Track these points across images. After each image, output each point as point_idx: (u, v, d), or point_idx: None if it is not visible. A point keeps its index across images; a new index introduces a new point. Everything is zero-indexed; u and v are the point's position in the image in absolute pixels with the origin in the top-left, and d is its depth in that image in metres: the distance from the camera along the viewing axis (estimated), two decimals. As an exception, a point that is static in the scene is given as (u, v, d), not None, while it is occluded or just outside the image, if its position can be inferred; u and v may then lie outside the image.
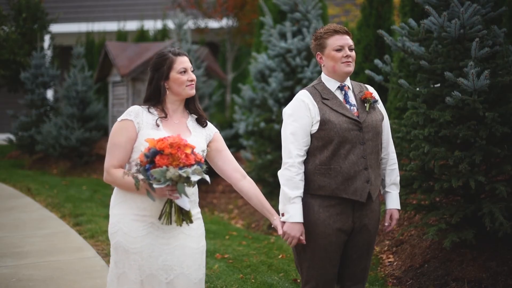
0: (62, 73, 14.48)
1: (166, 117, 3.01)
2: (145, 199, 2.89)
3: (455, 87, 4.26)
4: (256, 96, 7.50)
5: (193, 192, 2.98)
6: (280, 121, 7.06)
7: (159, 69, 3.02)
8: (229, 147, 3.31)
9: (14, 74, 13.75)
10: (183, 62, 3.02)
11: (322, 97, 3.10)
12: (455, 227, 4.42)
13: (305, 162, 3.09)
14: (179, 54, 3.04)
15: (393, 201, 3.25)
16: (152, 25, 15.79)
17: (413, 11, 6.61)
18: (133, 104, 10.60)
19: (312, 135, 3.07)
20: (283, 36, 7.62)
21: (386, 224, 3.25)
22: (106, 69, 11.50)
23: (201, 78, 9.35)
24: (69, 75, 12.65)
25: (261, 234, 6.20)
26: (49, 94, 14.75)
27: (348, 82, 3.18)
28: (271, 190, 7.26)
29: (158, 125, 2.97)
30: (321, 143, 3.05)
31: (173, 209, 2.85)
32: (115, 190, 3.06)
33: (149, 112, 3.00)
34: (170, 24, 13.96)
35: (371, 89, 3.23)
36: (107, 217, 7.28)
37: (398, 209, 3.27)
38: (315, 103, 3.08)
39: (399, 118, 6.28)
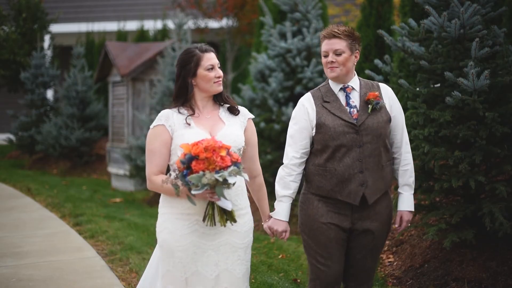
0: (62, 73, 14.49)
1: (194, 113, 3.02)
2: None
3: (455, 87, 4.26)
4: (256, 96, 7.50)
5: (238, 185, 2.96)
6: (279, 121, 7.07)
7: (186, 66, 3.02)
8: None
9: (14, 74, 13.76)
10: (210, 58, 3.03)
11: (324, 100, 3.14)
12: (455, 227, 4.41)
13: (307, 162, 3.20)
14: (206, 51, 3.04)
15: (403, 203, 3.21)
16: (152, 25, 15.80)
17: (413, 11, 6.61)
18: (132, 104, 10.61)
19: (313, 138, 3.15)
20: (283, 36, 7.62)
21: (396, 225, 3.23)
22: (106, 69, 11.50)
23: (201, 78, 9.34)
24: (69, 75, 12.65)
25: (261, 234, 6.20)
26: (49, 94, 14.76)
27: (353, 82, 3.15)
28: (271, 190, 7.23)
29: (189, 124, 2.98)
30: (319, 146, 3.12)
31: (215, 210, 2.86)
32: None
33: (180, 113, 3.02)
34: (170, 24, 13.96)
35: (383, 88, 3.19)
36: (107, 217, 7.35)
37: (410, 211, 3.21)
38: (314, 107, 3.14)
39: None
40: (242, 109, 3.16)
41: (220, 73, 3.05)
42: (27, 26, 13.80)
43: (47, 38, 15.00)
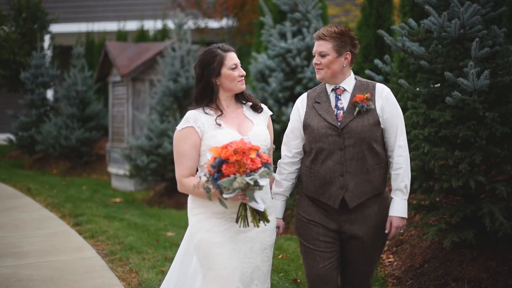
0: (62, 73, 14.49)
1: (222, 114, 3.02)
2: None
3: (455, 87, 4.26)
4: (256, 96, 7.50)
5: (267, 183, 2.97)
6: (280, 121, 7.07)
7: (209, 66, 3.01)
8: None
9: (14, 74, 13.76)
10: (233, 58, 3.05)
11: (315, 100, 3.16)
12: (455, 227, 4.41)
13: (301, 162, 3.23)
14: (228, 50, 3.06)
15: (393, 208, 3.10)
16: (152, 25, 15.80)
17: (413, 11, 6.61)
18: (132, 104, 10.60)
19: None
20: (283, 36, 7.62)
21: (386, 231, 3.13)
22: (106, 69, 11.50)
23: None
24: (69, 75, 12.66)
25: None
26: (49, 94, 14.76)
27: (346, 83, 3.12)
28: (271, 190, 7.25)
29: (219, 124, 2.99)
30: (307, 147, 3.16)
31: (248, 212, 2.87)
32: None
33: (206, 113, 3.02)
34: (170, 24, 13.96)
35: (379, 89, 3.11)
36: (107, 217, 7.35)
37: (400, 217, 3.09)
38: (304, 107, 3.17)
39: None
40: (264, 108, 3.19)
41: (243, 72, 3.07)
42: (27, 26, 13.81)
43: (47, 38, 15.01)
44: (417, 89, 4.49)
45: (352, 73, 3.18)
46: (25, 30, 13.81)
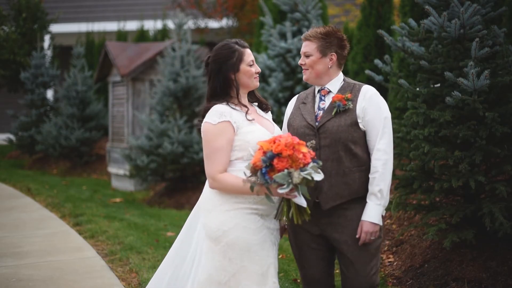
0: (62, 73, 14.49)
1: (248, 109, 3.00)
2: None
3: (455, 87, 4.26)
4: (256, 96, 7.50)
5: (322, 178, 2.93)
6: (280, 121, 7.06)
7: (228, 61, 2.98)
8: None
9: (14, 74, 13.77)
10: (251, 54, 3.05)
11: (302, 101, 3.16)
12: (455, 227, 4.41)
13: None
14: (246, 46, 3.04)
15: (365, 212, 2.97)
16: (152, 25, 15.80)
17: (413, 11, 6.61)
18: (132, 104, 10.60)
19: None
20: (283, 36, 7.62)
21: (357, 236, 2.99)
22: (106, 69, 11.50)
23: (201, 78, 9.36)
24: (69, 75, 12.66)
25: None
26: (49, 94, 14.77)
27: (331, 84, 3.09)
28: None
29: (252, 120, 2.97)
30: None
31: (292, 208, 2.81)
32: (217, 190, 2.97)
33: (233, 108, 2.97)
34: (170, 24, 13.96)
35: (364, 90, 3.03)
36: (107, 217, 7.34)
37: (371, 222, 2.94)
38: (292, 107, 3.19)
39: (399, 118, 6.27)
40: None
41: (259, 68, 3.07)
42: (27, 26, 13.81)
43: (47, 38, 15.01)
44: (417, 89, 4.49)
45: (341, 74, 3.14)
46: (25, 30, 13.81)
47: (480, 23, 4.28)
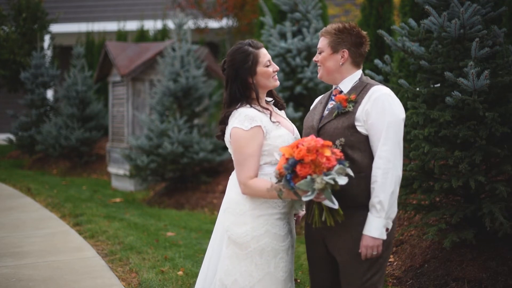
0: (62, 73, 14.50)
1: (272, 112, 2.97)
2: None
3: (455, 87, 4.26)
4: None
5: (346, 181, 2.82)
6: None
7: (243, 65, 2.91)
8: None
9: (14, 74, 13.78)
10: (266, 54, 2.98)
11: (320, 100, 3.10)
12: (455, 227, 4.41)
13: None
14: (260, 47, 2.98)
15: (365, 226, 2.75)
16: (152, 25, 15.80)
17: (413, 11, 6.61)
18: (132, 104, 10.60)
19: None
20: (283, 36, 7.62)
21: (359, 250, 2.79)
22: (106, 69, 11.51)
23: (201, 78, 9.36)
24: (69, 75, 12.66)
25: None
26: (49, 94, 14.78)
27: (343, 84, 2.94)
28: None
29: (276, 122, 2.93)
30: None
31: (323, 211, 2.74)
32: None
33: (259, 111, 2.93)
34: (170, 24, 13.96)
35: (371, 92, 2.83)
36: (107, 217, 7.34)
37: (370, 236, 2.72)
38: (313, 106, 3.13)
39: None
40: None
41: (277, 67, 3.01)
42: (27, 26, 13.82)
43: (47, 38, 15.02)
44: (417, 89, 4.49)
45: (356, 73, 2.95)
46: (25, 30, 13.82)
47: (480, 23, 4.28)
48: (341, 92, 2.93)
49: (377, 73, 5.08)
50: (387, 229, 2.75)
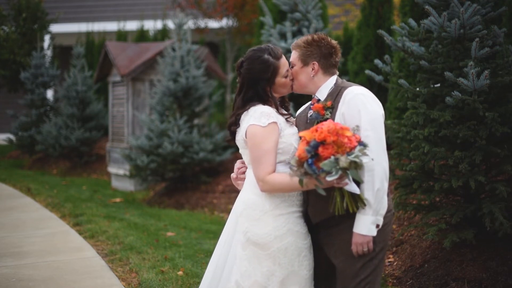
0: (62, 73, 14.50)
1: (287, 116, 3.00)
2: (303, 193, 2.90)
3: (455, 87, 4.26)
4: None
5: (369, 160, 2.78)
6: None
7: (262, 75, 2.92)
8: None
9: (14, 74, 13.78)
10: (286, 64, 2.98)
11: (304, 110, 3.09)
12: (455, 227, 4.42)
13: None
14: (280, 56, 2.96)
15: (355, 224, 2.79)
16: (152, 25, 15.80)
17: (413, 11, 6.61)
18: (132, 104, 10.60)
19: None
20: (283, 36, 7.62)
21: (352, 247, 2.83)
22: (106, 69, 11.51)
23: (201, 78, 9.36)
24: (69, 75, 12.66)
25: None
26: (49, 94, 14.78)
27: (319, 92, 2.95)
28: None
29: (290, 122, 2.97)
30: None
31: (345, 197, 2.71)
32: (264, 192, 2.89)
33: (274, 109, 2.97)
34: (170, 24, 13.96)
35: (345, 95, 2.82)
36: (107, 217, 7.34)
37: (359, 234, 2.76)
38: (297, 114, 3.15)
39: (399, 118, 6.28)
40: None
41: (292, 74, 3.02)
42: (27, 26, 13.81)
43: (47, 38, 15.02)
44: (417, 89, 4.49)
45: (331, 79, 2.96)
46: (25, 30, 13.82)
47: (480, 23, 4.28)
48: (318, 100, 2.95)
49: (377, 73, 5.07)
50: (377, 226, 2.78)
